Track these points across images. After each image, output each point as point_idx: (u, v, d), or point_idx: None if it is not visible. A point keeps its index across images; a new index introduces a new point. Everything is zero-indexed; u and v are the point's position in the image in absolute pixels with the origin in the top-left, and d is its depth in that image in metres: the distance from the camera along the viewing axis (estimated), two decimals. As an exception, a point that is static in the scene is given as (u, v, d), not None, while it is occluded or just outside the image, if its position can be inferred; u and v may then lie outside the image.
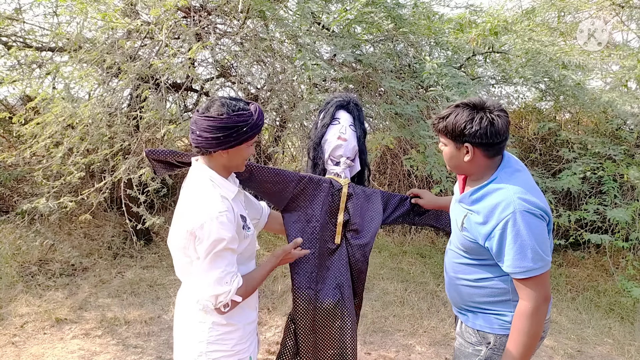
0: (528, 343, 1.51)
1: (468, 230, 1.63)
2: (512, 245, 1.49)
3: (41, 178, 3.06)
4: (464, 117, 1.55)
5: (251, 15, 3.13)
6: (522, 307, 1.53)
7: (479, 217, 1.58)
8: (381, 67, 4.10)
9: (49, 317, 3.68)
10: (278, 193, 1.94)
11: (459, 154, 1.61)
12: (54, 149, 3.02)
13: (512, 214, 1.48)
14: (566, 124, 6.43)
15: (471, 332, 1.74)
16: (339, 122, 2.02)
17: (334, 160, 2.03)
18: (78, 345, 3.39)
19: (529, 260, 1.48)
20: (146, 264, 4.87)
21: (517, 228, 1.47)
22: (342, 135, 1.99)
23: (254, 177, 1.88)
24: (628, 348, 3.79)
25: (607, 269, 5.40)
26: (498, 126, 1.54)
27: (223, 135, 1.53)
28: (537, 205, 1.51)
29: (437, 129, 1.64)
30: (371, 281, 4.91)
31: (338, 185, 2.01)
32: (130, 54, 2.90)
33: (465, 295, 1.74)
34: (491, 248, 1.55)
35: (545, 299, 1.52)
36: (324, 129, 2.02)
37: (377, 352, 3.56)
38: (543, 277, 1.51)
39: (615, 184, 4.77)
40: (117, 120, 2.78)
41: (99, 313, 3.83)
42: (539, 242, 1.49)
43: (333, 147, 1.99)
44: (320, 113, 2.09)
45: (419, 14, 4.69)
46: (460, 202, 1.72)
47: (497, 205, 1.52)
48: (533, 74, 4.17)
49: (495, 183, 1.57)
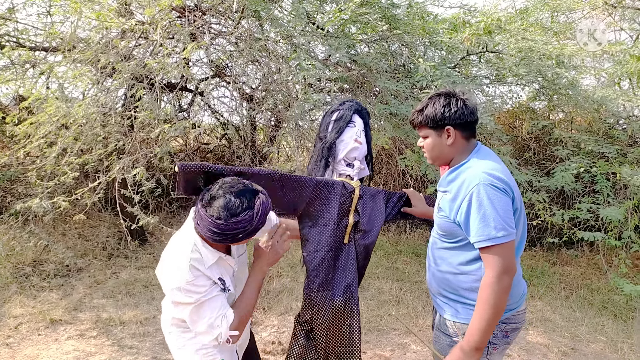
0: (490, 313, 1.56)
1: (443, 209, 1.76)
2: (476, 214, 1.59)
3: (35, 178, 3.04)
4: (441, 104, 1.73)
5: (246, 15, 3.13)
6: (485, 277, 1.60)
7: (451, 194, 1.72)
8: (376, 67, 4.10)
9: (43, 318, 3.67)
10: (295, 198, 1.94)
11: (441, 140, 1.76)
12: (48, 150, 3.00)
13: (476, 186, 1.60)
14: (560, 124, 6.47)
15: (448, 325, 1.80)
16: (355, 126, 2.05)
17: (347, 161, 2.06)
18: (73, 346, 3.37)
19: (491, 228, 1.56)
20: (141, 264, 4.85)
21: (481, 199, 1.58)
22: (358, 139, 2.03)
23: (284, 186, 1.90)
24: (621, 345, 3.81)
25: (600, 267, 5.45)
26: (470, 106, 1.74)
27: (217, 236, 1.57)
28: (501, 179, 1.63)
29: (417, 123, 1.80)
30: (366, 280, 4.92)
31: (350, 188, 2.05)
32: (124, 54, 2.89)
33: (445, 282, 1.81)
34: (460, 221, 1.66)
35: (507, 269, 1.57)
36: (341, 130, 2.03)
37: (372, 351, 3.57)
38: (505, 246, 1.58)
39: (608, 182, 4.80)
40: (111, 120, 2.77)
41: (94, 314, 3.82)
42: (502, 213, 1.58)
43: (350, 149, 2.02)
44: (332, 113, 2.09)
45: (413, 14, 4.71)
46: (439, 186, 1.85)
47: (465, 180, 1.66)
48: (526, 72, 4.19)
49: (468, 163, 1.73)
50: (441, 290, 1.84)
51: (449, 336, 1.79)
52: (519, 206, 1.71)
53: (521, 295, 1.82)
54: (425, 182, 6.10)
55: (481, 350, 1.61)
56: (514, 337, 1.83)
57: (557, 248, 5.96)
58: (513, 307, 1.78)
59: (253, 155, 5.18)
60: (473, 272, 1.72)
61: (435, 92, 1.79)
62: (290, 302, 4.26)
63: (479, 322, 1.58)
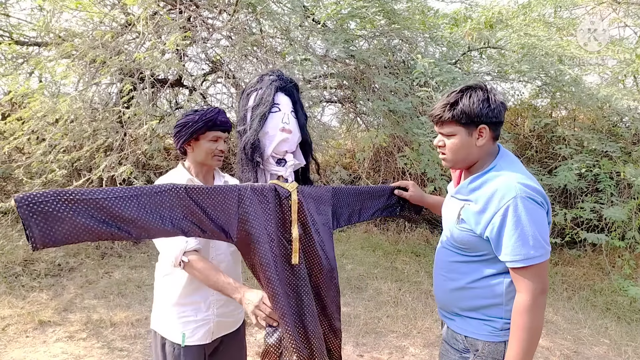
0: (530, 339, 1.43)
1: (466, 221, 1.55)
2: (513, 231, 1.42)
3: (22, 175, 2.95)
4: (479, 98, 1.49)
5: (240, 8, 3.02)
6: (521, 300, 1.44)
7: (477, 205, 1.51)
8: (374, 63, 4.00)
9: (32, 320, 3.57)
10: (222, 218, 1.44)
11: (471, 140, 1.53)
12: (36, 146, 2.91)
13: (513, 199, 1.42)
14: (563, 121, 6.37)
15: (458, 338, 1.63)
16: (279, 109, 1.60)
17: (276, 156, 1.62)
18: (61, 348, 3.28)
19: (530, 247, 1.41)
20: (135, 263, 4.76)
21: (519, 214, 1.41)
22: (285, 126, 1.59)
23: (201, 204, 1.40)
24: (625, 349, 3.72)
25: (603, 268, 5.35)
26: (505, 104, 1.55)
27: (177, 131, 1.79)
28: (538, 191, 1.46)
29: (446, 118, 1.53)
30: (364, 281, 4.83)
31: (285, 193, 1.58)
32: (114, 47, 2.79)
33: (456, 298, 1.64)
34: (490, 237, 1.47)
35: (543, 291, 1.44)
36: (263, 118, 1.57)
37: (369, 354, 3.47)
38: (542, 266, 1.44)
39: (612, 181, 4.71)
40: (99, 115, 2.67)
41: (85, 315, 3.73)
42: (540, 229, 1.42)
43: (277, 142, 1.58)
44: (248, 97, 1.63)
45: (413, 9, 4.61)
46: (457, 194, 1.64)
47: (497, 191, 1.46)
48: (529, 69, 4.09)
49: (495, 170, 1.53)
50: (452, 305, 1.67)
51: (458, 351, 1.63)
52: (550, 218, 1.54)
53: None
54: (425, 180, 6.00)
55: None
56: None
57: (560, 248, 5.86)
58: None
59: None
60: (492, 287, 1.55)
61: (465, 86, 1.56)
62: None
63: (520, 349, 1.43)
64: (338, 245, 5.92)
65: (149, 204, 1.30)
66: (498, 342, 1.54)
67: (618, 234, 4.66)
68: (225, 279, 1.62)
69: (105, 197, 1.22)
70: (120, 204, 1.24)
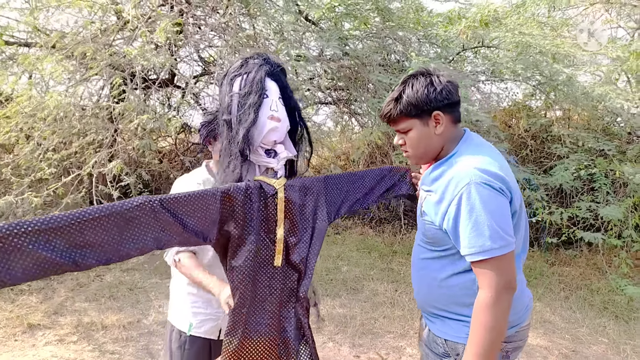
0: (492, 339, 1.29)
1: (427, 213, 1.45)
2: (467, 221, 1.30)
3: (10, 175, 2.88)
4: (421, 84, 1.41)
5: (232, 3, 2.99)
6: (482, 296, 1.31)
7: (436, 195, 1.41)
8: (368, 62, 3.97)
9: (20, 323, 3.49)
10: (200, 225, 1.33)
11: (429, 130, 1.44)
12: (24, 144, 2.85)
13: (466, 185, 1.30)
14: (558, 121, 6.36)
15: (438, 342, 1.51)
16: (267, 96, 1.46)
17: (265, 147, 1.48)
18: (51, 352, 3.20)
19: (485, 237, 1.27)
20: (127, 266, 4.69)
21: (472, 202, 1.29)
22: (274, 114, 1.46)
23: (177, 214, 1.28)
24: (624, 347, 3.69)
25: (600, 267, 5.33)
26: (454, 82, 1.44)
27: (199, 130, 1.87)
28: (497, 176, 1.33)
29: (395, 114, 1.45)
30: (360, 282, 4.78)
31: (271, 190, 1.45)
32: (104, 43, 2.75)
33: (433, 297, 1.53)
34: (448, 229, 1.36)
35: (506, 286, 1.30)
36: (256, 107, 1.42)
37: (366, 355, 3.42)
38: (504, 259, 1.29)
39: (607, 180, 4.69)
40: (88, 111, 2.62)
41: (75, 318, 3.65)
42: (498, 218, 1.29)
43: (267, 132, 1.44)
44: (232, 81, 1.47)
45: (407, 8, 4.59)
46: (422, 185, 1.54)
47: (452, 179, 1.35)
48: (523, 68, 4.07)
49: (457, 157, 1.42)
50: (429, 305, 1.56)
51: (438, 356, 1.52)
52: (519, 208, 1.41)
53: (525, 308, 1.52)
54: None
55: None
56: (515, 357, 1.53)
57: (556, 248, 5.84)
58: (516, 323, 1.47)
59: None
60: (465, 285, 1.43)
61: (406, 76, 1.47)
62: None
63: (477, 349, 1.29)
64: (333, 247, 5.87)
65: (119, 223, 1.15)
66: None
67: (614, 232, 4.64)
68: (208, 276, 1.63)
69: (68, 224, 1.06)
70: (85, 228, 1.09)
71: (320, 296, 1.77)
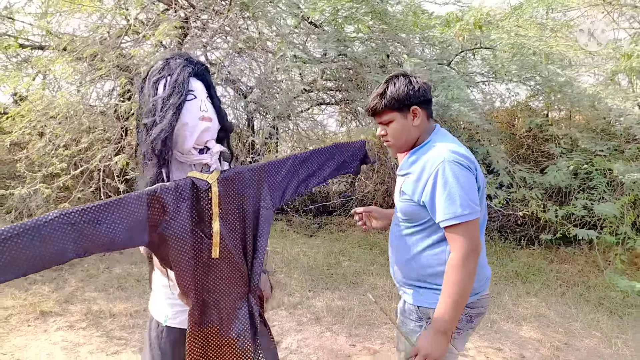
0: (460, 293, 1.54)
1: (406, 192, 1.71)
2: (442, 192, 1.57)
3: (24, 170, 3.08)
4: (402, 83, 1.68)
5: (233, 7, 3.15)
6: (452, 258, 1.57)
7: (414, 175, 1.68)
8: (367, 63, 4.11)
9: (33, 310, 3.69)
10: (128, 230, 1.31)
11: (407, 122, 1.71)
12: (37, 140, 3.04)
13: (442, 163, 1.58)
14: (560, 121, 6.43)
15: (412, 310, 1.75)
16: (194, 96, 1.47)
17: (198, 147, 1.50)
18: (62, 336, 3.39)
19: (457, 205, 1.54)
20: (135, 259, 4.88)
21: (446, 176, 1.57)
22: (205, 114, 1.48)
23: (102, 221, 1.26)
24: (615, 341, 3.77)
25: (598, 265, 5.39)
26: (428, 84, 1.74)
27: None
28: (465, 157, 1.62)
29: (380, 107, 1.70)
30: (360, 276, 4.91)
31: (204, 185, 1.47)
32: (112, 45, 2.93)
33: (407, 269, 1.77)
34: (426, 201, 1.63)
35: (473, 249, 1.55)
36: (179, 108, 1.42)
37: (361, 344, 3.55)
38: (471, 224, 1.56)
39: (605, 179, 4.77)
40: (96, 109, 2.80)
41: (85, 306, 3.84)
42: (467, 190, 1.57)
43: (200, 133, 1.46)
44: (155, 84, 1.47)
45: (407, 11, 4.72)
46: (400, 170, 1.79)
47: (429, 160, 1.64)
48: (518, 69, 4.18)
49: (430, 144, 1.71)
50: (405, 278, 1.79)
51: (412, 321, 1.75)
52: (482, 185, 1.69)
53: (485, 279, 1.79)
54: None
55: (450, 334, 1.57)
56: (478, 323, 1.79)
57: (556, 246, 5.91)
58: (477, 290, 1.73)
59: (248, 153, 5.20)
60: (437, 255, 1.68)
61: (389, 76, 1.75)
62: (283, 297, 4.26)
63: (447, 304, 1.54)
64: (336, 244, 6.01)
65: (34, 242, 1.14)
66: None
67: (610, 229, 4.71)
68: None
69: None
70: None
71: (272, 284, 1.89)
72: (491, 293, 4.58)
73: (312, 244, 6.07)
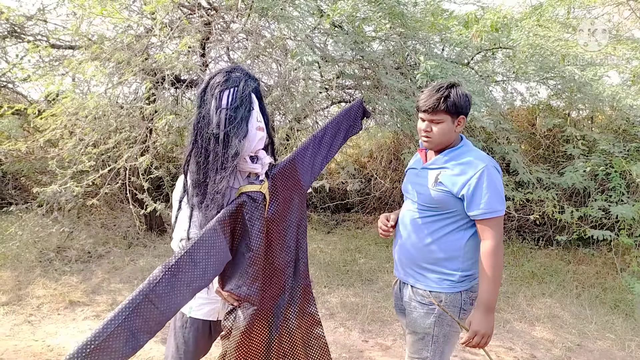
0: (497, 275, 1.79)
1: (443, 183, 1.90)
2: (488, 189, 1.82)
3: (55, 167, 3.26)
4: (463, 93, 1.90)
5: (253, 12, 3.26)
6: (488, 245, 1.81)
7: (455, 170, 1.89)
8: (382, 64, 4.17)
9: (63, 300, 3.90)
10: (215, 263, 1.50)
11: (453, 127, 1.91)
12: (68, 139, 3.21)
13: (486, 166, 1.84)
14: (581, 122, 6.37)
15: (423, 294, 1.93)
16: (253, 108, 1.59)
17: (251, 155, 1.62)
18: (89, 325, 3.59)
19: (498, 202, 1.82)
20: (159, 252, 5.07)
21: (491, 177, 1.83)
22: (260, 125, 1.60)
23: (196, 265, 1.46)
24: (629, 343, 3.77)
25: (616, 267, 5.35)
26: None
27: None
28: (497, 164, 1.94)
29: (440, 108, 1.88)
30: (375, 274, 5.00)
31: (259, 197, 1.60)
32: (138, 50, 3.08)
33: (422, 253, 1.94)
34: (466, 194, 1.84)
35: (501, 239, 1.82)
36: (246, 120, 1.55)
37: (374, 340, 3.65)
38: (501, 219, 1.84)
39: (623, 181, 4.73)
40: (123, 111, 2.95)
41: (110, 297, 4.04)
42: (501, 191, 1.86)
43: (257, 141, 1.58)
44: (219, 95, 1.56)
45: (425, 11, 4.75)
46: (432, 164, 1.98)
47: (473, 160, 1.88)
48: (535, 70, 4.18)
49: (465, 147, 1.96)
50: (419, 261, 1.95)
51: (424, 305, 1.92)
52: None
53: None
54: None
55: (494, 311, 1.80)
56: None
57: (575, 247, 5.88)
58: (476, 276, 1.94)
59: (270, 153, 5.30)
60: (455, 242, 1.90)
61: (448, 83, 1.92)
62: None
63: (489, 285, 1.78)
64: (353, 241, 6.11)
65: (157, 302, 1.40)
66: (456, 292, 1.89)
67: (627, 231, 4.68)
68: None
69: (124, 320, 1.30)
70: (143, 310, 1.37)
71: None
72: (506, 293, 4.63)
73: (329, 240, 6.18)
